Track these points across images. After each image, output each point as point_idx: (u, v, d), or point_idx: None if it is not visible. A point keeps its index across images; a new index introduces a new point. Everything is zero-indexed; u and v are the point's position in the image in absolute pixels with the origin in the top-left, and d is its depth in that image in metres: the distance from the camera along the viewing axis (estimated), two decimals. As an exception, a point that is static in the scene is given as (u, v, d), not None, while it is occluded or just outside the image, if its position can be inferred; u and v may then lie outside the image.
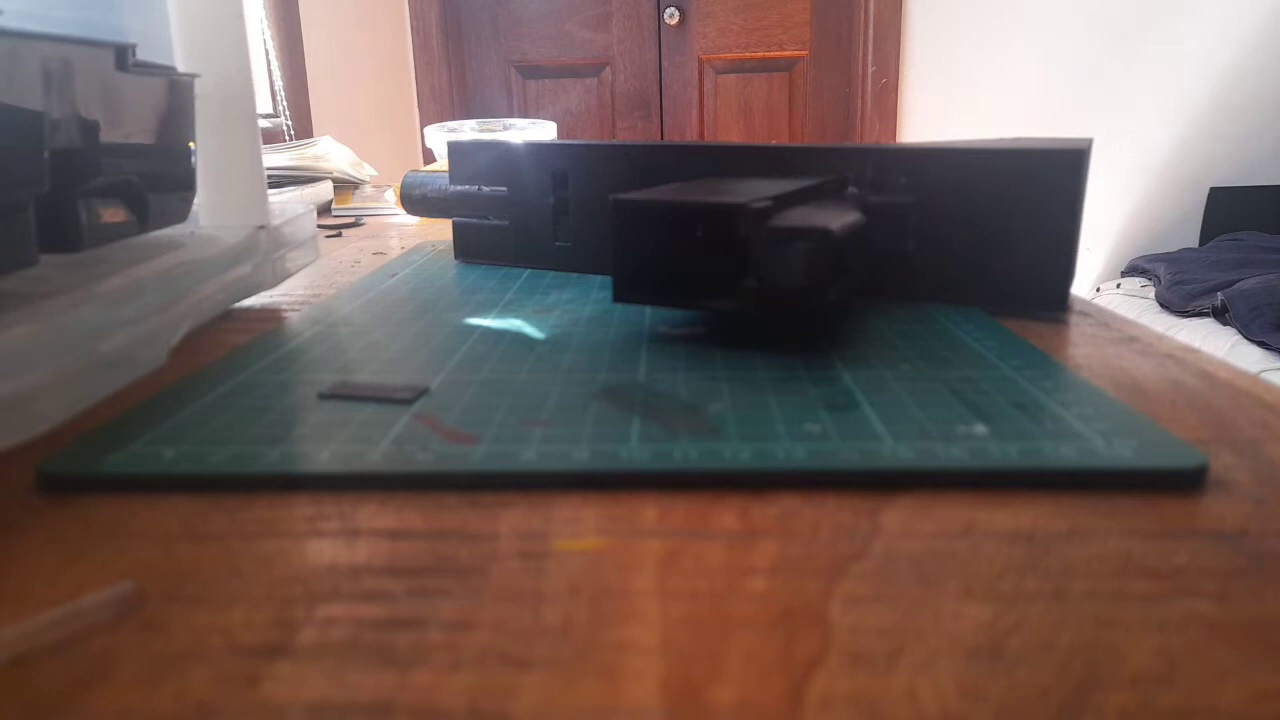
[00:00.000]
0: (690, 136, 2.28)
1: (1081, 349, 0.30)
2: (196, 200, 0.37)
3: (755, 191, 0.31)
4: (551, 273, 0.44)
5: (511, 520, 0.19)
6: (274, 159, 0.83)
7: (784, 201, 0.31)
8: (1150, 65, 2.18)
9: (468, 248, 0.46)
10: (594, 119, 2.31)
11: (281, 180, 0.82)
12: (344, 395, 0.25)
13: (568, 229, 0.43)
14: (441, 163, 0.70)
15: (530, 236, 0.44)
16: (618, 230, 0.30)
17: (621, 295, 0.31)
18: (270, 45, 2.01)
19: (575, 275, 0.43)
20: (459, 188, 0.46)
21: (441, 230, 0.63)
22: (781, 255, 0.28)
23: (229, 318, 0.37)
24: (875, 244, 0.36)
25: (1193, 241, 2.23)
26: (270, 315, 0.37)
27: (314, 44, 2.20)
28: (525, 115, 2.24)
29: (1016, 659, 0.14)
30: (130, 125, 0.32)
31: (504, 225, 0.45)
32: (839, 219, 0.29)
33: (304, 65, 2.19)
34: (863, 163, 0.37)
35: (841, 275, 0.31)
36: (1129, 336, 0.32)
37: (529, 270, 0.44)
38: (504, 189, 0.44)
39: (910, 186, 0.36)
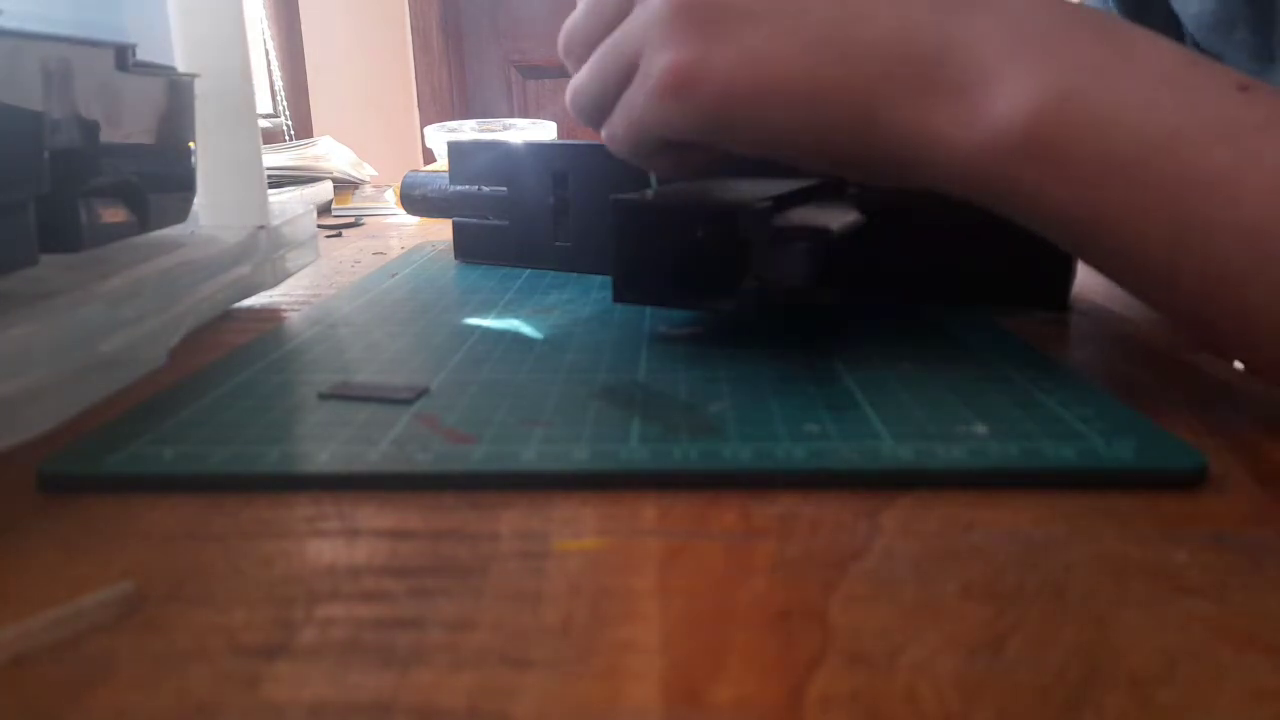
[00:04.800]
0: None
1: (1081, 349, 0.30)
2: (196, 200, 0.37)
3: (756, 191, 0.31)
4: (551, 273, 0.43)
5: (511, 520, 0.19)
6: (274, 159, 0.83)
7: (784, 201, 0.31)
8: (1150, 65, 2.17)
9: (468, 248, 0.46)
10: (594, 119, 2.31)
11: (281, 180, 0.82)
12: (344, 395, 0.25)
13: (568, 229, 0.43)
14: (441, 163, 0.70)
15: (530, 236, 0.44)
16: (618, 230, 0.30)
17: (621, 295, 0.31)
18: (270, 45, 2.01)
19: (575, 275, 0.43)
20: (459, 188, 0.46)
21: (441, 230, 0.63)
22: (782, 255, 0.28)
23: (229, 318, 0.37)
24: (875, 244, 0.36)
25: (1193, 241, 2.22)
26: (270, 315, 0.37)
27: (314, 44, 2.20)
28: (525, 115, 2.24)
29: (1016, 658, 0.14)
30: (130, 125, 0.32)
31: (504, 225, 0.45)
32: (839, 219, 0.29)
33: (304, 65, 2.19)
34: None
35: (842, 275, 0.31)
36: (1129, 336, 0.32)
37: (529, 270, 0.44)
38: (504, 189, 0.44)
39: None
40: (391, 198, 0.83)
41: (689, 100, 0.25)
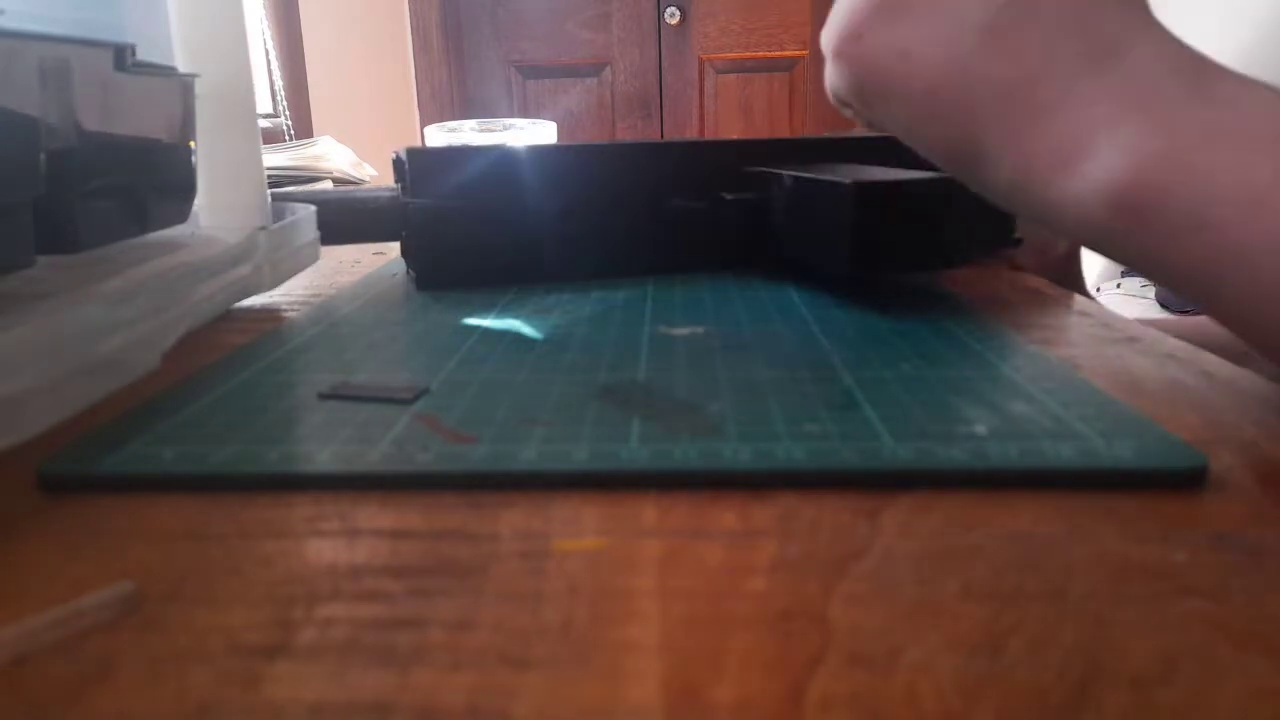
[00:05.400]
0: (691, 136, 2.28)
1: (1081, 349, 0.30)
2: (196, 201, 0.37)
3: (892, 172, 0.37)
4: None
5: (511, 520, 0.19)
6: (274, 159, 0.83)
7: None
8: (1150, 65, 2.17)
9: (434, 273, 0.41)
10: (594, 119, 2.31)
11: (281, 180, 0.82)
12: (344, 395, 0.25)
13: (573, 236, 0.42)
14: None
15: (529, 250, 0.41)
16: (856, 212, 0.34)
17: (857, 268, 0.35)
18: (270, 45, 2.01)
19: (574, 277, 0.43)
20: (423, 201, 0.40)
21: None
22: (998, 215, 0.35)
23: (229, 318, 0.37)
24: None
25: (1193, 241, 2.22)
26: (270, 315, 0.37)
27: (314, 44, 2.20)
28: (525, 115, 2.24)
29: (1016, 659, 0.14)
30: (129, 126, 0.32)
31: (495, 242, 0.41)
32: None
33: (304, 65, 2.19)
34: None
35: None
36: (1129, 336, 0.32)
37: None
38: (492, 201, 0.40)
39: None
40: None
41: (844, 64, 0.28)
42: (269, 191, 0.41)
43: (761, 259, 0.43)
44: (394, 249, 0.55)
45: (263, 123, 1.35)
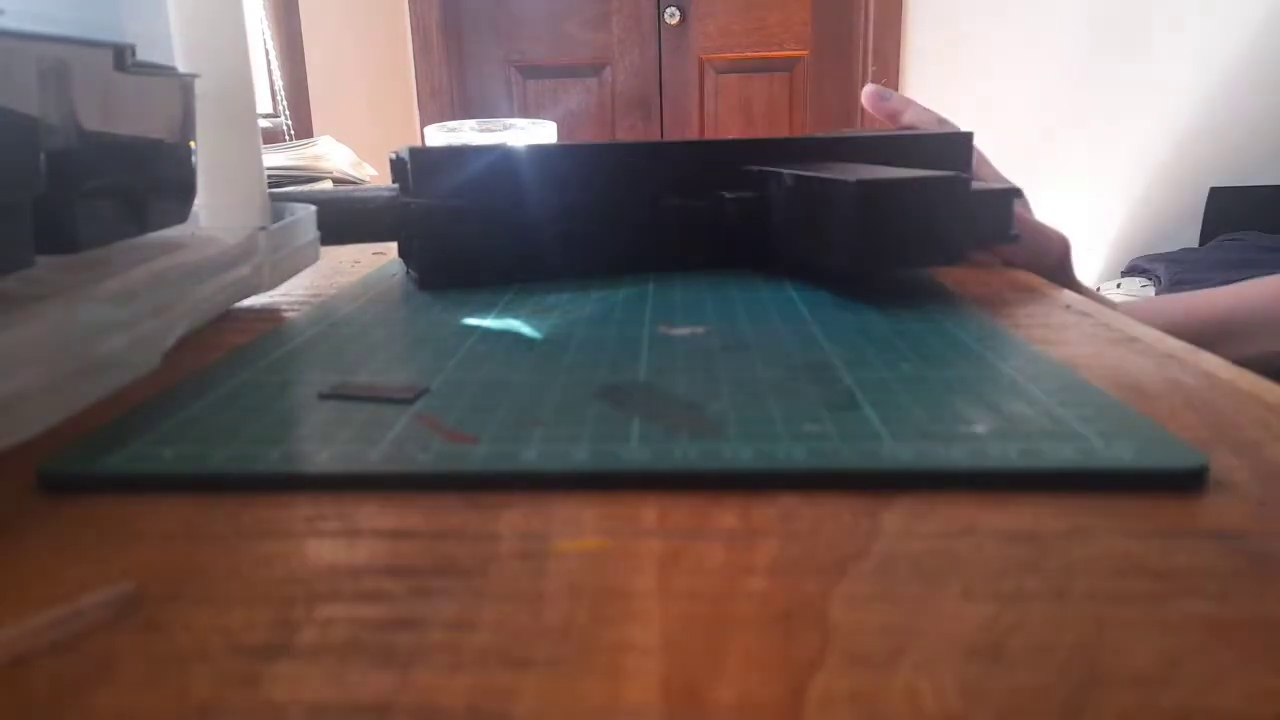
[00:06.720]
0: (690, 136, 2.28)
1: (1081, 349, 0.30)
2: (196, 201, 0.37)
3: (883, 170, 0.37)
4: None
5: (511, 520, 0.19)
6: (274, 159, 0.83)
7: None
8: (1150, 65, 2.18)
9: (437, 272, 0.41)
10: (594, 119, 2.31)
11: (281, 180, 0.82)
12: (344, 395, 0.25)
13: (576, 234, 0.42)
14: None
15: (530, 248, 0.41)
16: (863, 208, 0.34)
17: (860, 265, 0.35)
18: (270, 45, 2.01)
19: (574, 275, 0.43)
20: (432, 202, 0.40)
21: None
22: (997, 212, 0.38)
23: (229, 318, 0.37)
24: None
25: (1193, 241, 2.23)
26: (270, 315, 0.37)
27: (314, 44, 2.20)
28: (525, 115, 2.24)
29: (1016, 659, 0.14)
30: (129, 126, 0.32)
31: (498, 241, 0.41)
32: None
33: (304, 65, 2.19)
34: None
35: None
36: (1129, 336, 0.32)
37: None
38: (497, 200, 0.41)
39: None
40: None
41: None
42: (269, 191, 0.41)
43: (761, 259, 0.43)
44: (394, 249, 0.55)
45: (263, 123, 1.35)
